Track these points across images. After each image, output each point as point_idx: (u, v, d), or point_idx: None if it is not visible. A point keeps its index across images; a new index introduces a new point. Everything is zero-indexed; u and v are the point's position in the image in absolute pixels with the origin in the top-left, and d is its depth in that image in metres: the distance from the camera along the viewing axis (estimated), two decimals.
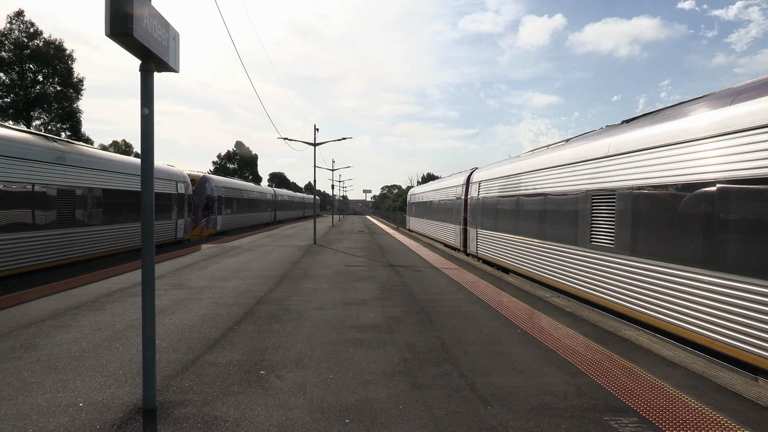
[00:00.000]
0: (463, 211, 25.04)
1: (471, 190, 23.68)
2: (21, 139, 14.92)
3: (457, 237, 26.32)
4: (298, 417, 5.33)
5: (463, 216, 24.98)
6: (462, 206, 25.29)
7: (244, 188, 46.38)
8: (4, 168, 13.76)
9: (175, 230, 27.17)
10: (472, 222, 23.02)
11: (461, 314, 10.42)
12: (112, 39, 4.66)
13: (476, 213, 22.13)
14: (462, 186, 25.63)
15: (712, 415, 5.54)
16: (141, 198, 5.34)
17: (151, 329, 5.42)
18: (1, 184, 13.64)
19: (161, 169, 25.85)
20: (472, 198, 23.00)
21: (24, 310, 10.27)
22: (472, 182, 23.69)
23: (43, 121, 48.67)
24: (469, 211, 23.80)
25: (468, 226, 23.89)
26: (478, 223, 21.83)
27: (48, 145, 16.19)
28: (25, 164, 14.57)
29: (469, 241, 23.56)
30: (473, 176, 23.73)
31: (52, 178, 15.89)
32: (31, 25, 47.08)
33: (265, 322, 9.48)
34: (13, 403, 5.57)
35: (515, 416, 5.42)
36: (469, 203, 23.73)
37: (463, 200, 25.08)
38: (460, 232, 25.78)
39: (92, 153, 19.39)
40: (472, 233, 23.01)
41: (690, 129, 8.75)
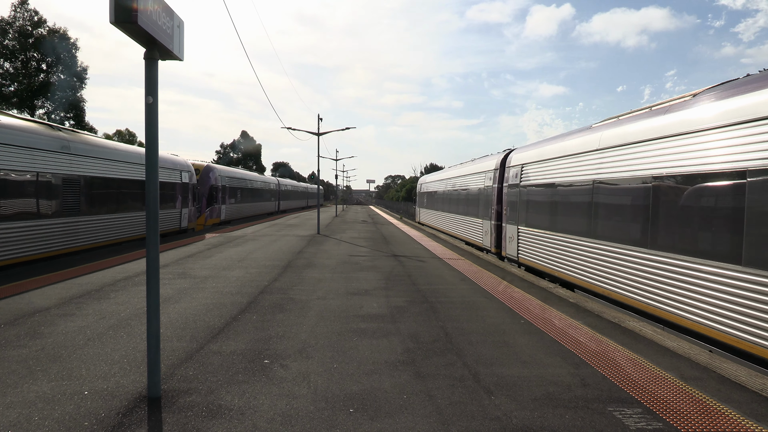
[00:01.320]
0: (495, 202, 20.10)
1: (508, 175, 18.64)
2: (26, 128, 14.98)
3: (487, 235, 21.33)
4: (302, 406, 5.34)
5: (496, 209, 20.07)
6: (494, 196, 20.29)
7: (248, 178, 46.42)
8: (10, 156, 13.85)
9: (180, 219, 27.19)
10: (510, 217, 18.09)
11: (465, 304, 10.42)
12: (117, 27, 4.64)
13: (517, 205, 17.31)
14: (493, 171, 20.69)
15: (716, 406, 5.53)
16: (145, 187, 5.33)
17: (155, 318, 5.43)
18: (9, 173, 13.78)
19: (165, 159, 25.73)
20: (511, 186, 18.15)
21: (28, 298, 10.30)
22: (509, 166, 18.66)
23: (47, 110, 48.67)
24: (505, 202, 18.86)
25: (504, 222, 18.86)
26: (520, 218, 17.01)
27: (53, 134, 16.27)
28: (30, 153, 14.67)
29: (506, 241, 18.62)
30: (511, 158, 18.78)
31: (57, 167, 15.98)
32: (36, 14, 47.00)
33: (269, 312, 9.49)
34: (18, 390, 5.59)
35: (519, 406, 5.42)
36: (506, 193, 18.77)
37: (496, 189, 20.11)
38: (490, 229, 20.74)
39: (97, 142, 19.46)
40: (510, 231, 18.12)
41: None
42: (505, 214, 18.77)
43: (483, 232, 21.97)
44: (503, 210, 19.07)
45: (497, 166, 20.30)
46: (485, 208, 21.66)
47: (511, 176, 18.25)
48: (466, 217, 25.36)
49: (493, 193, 20.37)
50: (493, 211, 20.46)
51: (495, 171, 20.55)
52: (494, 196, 20.27)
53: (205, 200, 33.93)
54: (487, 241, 21.24)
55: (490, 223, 20.85)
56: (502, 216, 19.19)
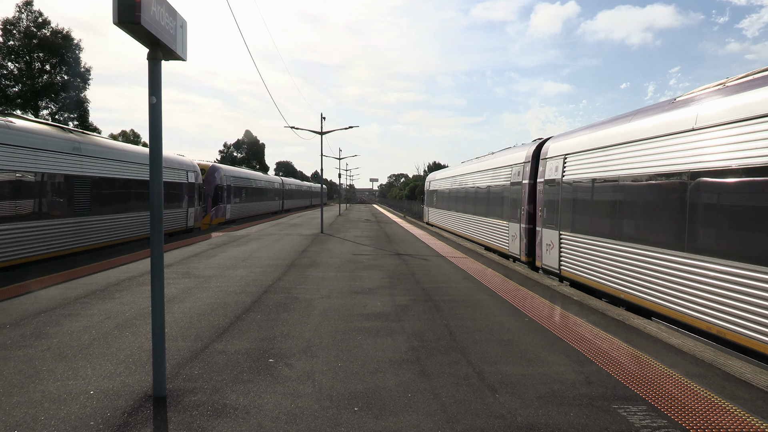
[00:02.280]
0: (526, 201, 16.87)
1: (544, 169, 15.48)
2: (40, 131, 15.38)
3: (514, 240, 17.99)
4: (307, 405, 5.35)
5: (527, 209, 16.79)
6: (523, 195, 17.12)
7: (253, 177, 46.93)
8: (26, 158, 14.28)
9: (186, 219, 27.49)
10: (548, 220, 14.94)
11: (469, 303, 10.42)
12: (120, 27, 4.65)
13: (558, 205, 14.20)
14: (522, 165, 17.51)
15: (722, 403, 5.53)
16: (150, 186, 5.35)
17: (160, 317, 5.45)
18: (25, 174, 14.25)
19: (172, 159, 26.08)
20: (549, 182, 15.02)
21: (34, 298, 10.34)
22: (546, 158, 15.44)
23: (51, 111, 48.77)
24: (540, 202, 15.62)
25: (539, 226, 15.65)
26: (562, 221, 13.98)
27: (65, 136, 16.67)
28: (44, 155, 15.04)
29: (541, 248, 15.41)
30: (547, 149, 15.60)
31: (69, 168, 16.37)
32: (40, 15, 47.09)
33: (273, 311, 9.51)
34: (24, 390, 5.62)
35: (524, 404, 5.43)
36: (542, 190, 15.54)
37: (526, 186, 16.93)
38: (520, 233, 17.33)
39: (106, 143, 19.84)
40: (547, 237, 14.96)
41: None
42: (540, 216, 15.53)
43: (509, 236, 18.67)
44: (537, 211, 15.82)
45: (528, 159, 17.06)
46: (512, 208, 18.32)
47: (549, 170, 15.05)
48: (486, 219, 22.09)
49: (523, 190, 17.18)
50: (522, 212, 17.14)
51: (525, 165, 17.30)
52: (524, 194, 17.05)
53: (211, 200, 34.29)
54: (515, 248, 17.95)
55: (518, 227, 17.53)
56: (536, 218, 15.95)
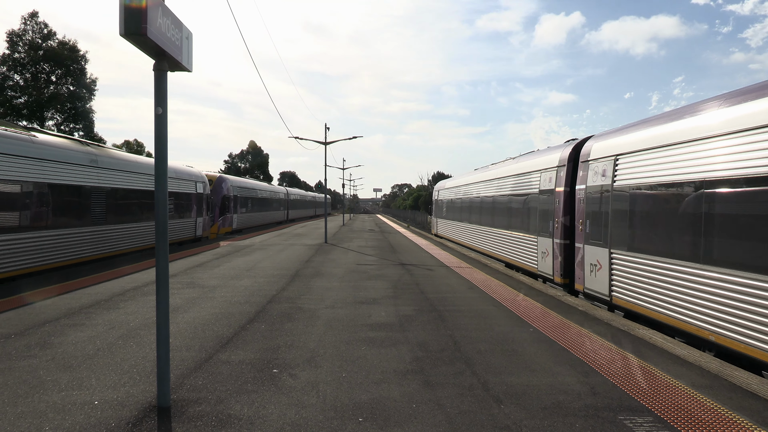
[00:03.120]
0: (561, 212, 14.41)
1: (587, 174, 12.92)
2: (60, 144, 16.34)
3: (546, 258, 15.48)
4: (311, 415, 5.34)
5: (561, 222, 14.35)
6: (557, 204, 14.67)
7: (259, 188, 47.78)
8: (48, 171, 15.12)
9: (195, 228, 28.20)
10: (593, 234, 12.39)
11: (473, 313, 10.40)
12: (126, 39, 4.69)
13: (608, 217, 11.65)
14: (556, 170, 15.07)
15: (728, 414, 5.49)
16: (155, 197, 5.38)
17: (165, 328, 5.45)
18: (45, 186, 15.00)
19: (182, 170, 26.89)
20: (593, 189, 12.48)
21: (39, 308, 10.36)
22: (589, 160, 12.88)
23: (57, 122, 49.02)
24: (581, 212, 13.13)
25: (581, 242, 13.06)
26: (614, 237, 11.39)
27: (83, 149, 17.62)
28: (64, 167, 16.02)
29: (584, 269, 12.79)
30: (591, 149, 12.98)
31: (88, 180, 17.24)
32: (45, 26, 47.44)
33: (277, 321, 9.50)
34: (29, 400, 5.62)
35: (529, 415, 5.40)
36: (583, 198, 12.99)
37: (562, 194, 14.46)
38: (554, 250, 14.87)
39: (121, 156, 20.67)
40: (592, 255, 12.39)
41: None
42: (581, 230, 13.05)
43: (538, 253, 16.12)
44: (577, 224, 13.34)
45: (562, 163, 14.76)
46: (542, 220, 15.84)
47: (593, 175, 12.56)
48: (508, 232, 19.50)
49: (556, 199, 14.77)
50: (556, 224, 14.67)
51: (558, 170, 14.91)
52: (558, 203, 14.63)
53: (218, 210, 34.99)
54: (546, 267, 15.42)
55: (551, 242, 15.07)
56: (575, 232, 13.49)
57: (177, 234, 25.50)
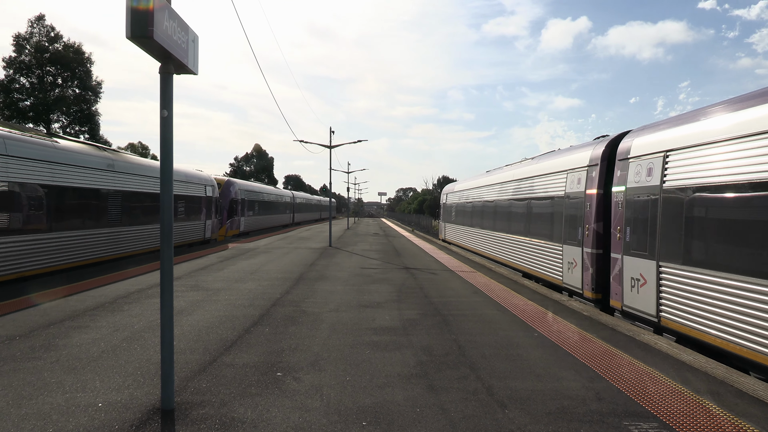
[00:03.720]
0: (593, 217, 12.80)
1: (627, 173, 11.24)
2: (80, 150, 17.12)
3: (574, 269, 13.77)
4: (315, 419, 5.33)
5: (594, 228, 12.75)
6: (589, 208, 13.01)
7: (265, 191, 48.56)
8: (70, 175, 15.93)
9: (204, 230, 28.90)
10: (634, 244, 10.72)
11: (477, 317, 10.37)
12: (133, 41, 4.71)
13: (656, 224, 9.98)
14: (587, 169, 13.41)
15: (734, 420, 5.46)
16: (160, 200, 5.38)
17: (169, 330, 5.46)
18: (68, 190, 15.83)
19: (192, 174, 27.70)
20: (635, 191, 10.82)
21: (43, 310, 10.38)
22: (629, 158, 11.25)
23: (62, 124, 49.23)
24: (619, 218, 11.39)
25: (619, 252, 11.32)
26: (663, 247, 9.76)
27: (101, 154, 18.37)
28: (85, 171, 16.77)
29: (622, 283, 11.10)
30: (629, 145, 11.40)
31: (104, 183, 17.97)
32: (52, 29, 47.67)
33: (281, 324, 9.50)
34: (33, 402, 5.63)
35: (533, 420, 5.38)
36: (622, 202, 11.30)
37: (594, 197, 12.83)
38: (584, 260, 13.22)
39: (135, 160, 21.42)
40: (633, 268, 10.71)
41: None
42: (618, 239, 11.36)
43: (563, 263, 14.47)
44: (614, 231, 11.58)
45: (594, 161, 13.07)
46: (568, 226, 14.20)
47: (635, 174, 10.92)
48: (526, 239, 17.77)
49: (587, 203, 13.14)
50: (587, 231, 13.05)
51: (590, 169, 13.28)
52: (590, 207, 13.00)
53: (226, 213, 35.97)
54: (574, 279, 13.77)
55: (580, 252, 13.40)
56: (611, 241, 11.81)
57: (187, 236, 26.25)
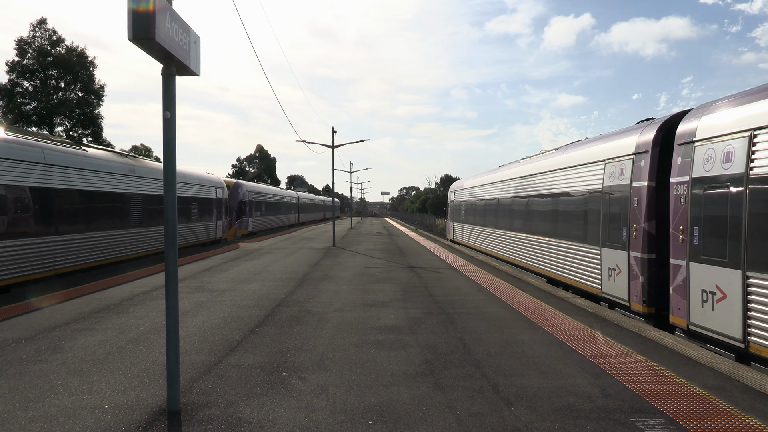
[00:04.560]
0: (643, 215, 10.79)
1: (692, 161, 9.23)
2: (106, 157, 18.67)
3: (617, 277, 11.65)
4: (321, 418, 5.33)
5: (644, 229, 10.74)
6: (637, 205, 11.00)
7: (272, 193, 50.23)
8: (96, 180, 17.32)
9: (215, 230, 30.32)
10: (708, 248, 8.71)
11: (482, 315, 10.36)
12: (135, 43, 4.71)
13: (739, 224, 8.03)
14: (632, 158, 11.36)
15: (741, 416, 5.44)
16: (164, 200, 5.39)
17: (174, 332, 5.46)
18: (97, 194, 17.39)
19: (204, 177, 29.32)
20: (707, 182, 8.86)
21: (49, 313, 10.40)
22: (694, 141, 9.26)
23: (65, 127, 49.30)
24: (682, 215, 9.38)
25: (682, 257, 9.33)
26: (752, 253, 7.75)
27: (123, 160, 19.98)
28: (109, 176, 18.26)
29: (688, 296, 9.12)
30: (694, 127, 9.41)
31: (128, 187, 19.45)
32: (54, 33, 47.73)
33: (286, 324, 9.50)
34: (40, 404, 5.64)
35: (540, 417, 5.37)
36: (685, 197, 9.32)
37: (644, 190, 10.83)
38: (630, 266, 11.15)
39: (152, 165, 22.79)
40: (705, 279, 8.74)
41: None
42: (682, 241, 9.30)
43: (602, 269, 12.39)
44: (674, 231, 9.58)
45: (644, 147, 11.01)
46: (609, 226, 12.14)
47: (707, 161, 8.85)
48: (553, 241, 15.65)
49: (636, 198, 11.09)
50: (634, 232, 11.03)
51: (637, 157, 11.22)
52: (638, 203, 10.98)
53: (235, 213, 37.11)
54: (618, 289, 11.65)
55: (625, 256, 11.31)
56: (671, 243, 9.68)
57: (200, 236, 27.66)
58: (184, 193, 25.17)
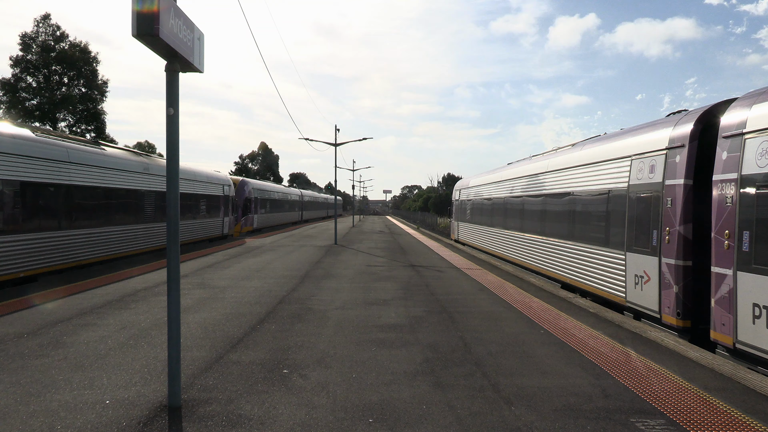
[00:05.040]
0: (678, 218, 9.61)
1: (740, 156, 7.94)
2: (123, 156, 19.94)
3: (646, 285, 10.45)
4: (321, 416, 5.34)
5: (679, 232, 9.55)
6: (671, 205, 9.82)
7: (276, 190, 51.54)
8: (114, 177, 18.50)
9: (222, 227, 31.47)
10: (762, 256, 7.36)
11: (483, 314, 10.37)
12: (138, 39, 4.71)
13: None
14: (665, 153, 10.18)
15: (742, 417, 5.44)
16: (166, 197, 5.39)
17: (176, 328, 5.47)
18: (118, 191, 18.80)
19: (213, 175, 30.62)
20: (764, 178, 7.43)
21: (51, 308, 10.43)
22: (745, 133, 7.92)
23: (68, 123, 49.35)
24: (730, 218, 8.05)
25: (727, 266, 8.03)
26: None
27: (138, 159, 21.16)
28: (129, 174, 19.56)
29: (734, 311, 7.84)
30: (743, 117, 8.10)
31: (144, 185, 20.59)
32: (58, 28, 47.76)
33: (287, 322, 9.52)
34: (41, 399, 5.66)
35: (540, 417, 5.37)
36: (733, 197, 8.02)
37: (679, 189, 9.66)
38: (663, 273, 9.94)
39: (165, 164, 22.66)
40: (757, 291, 7.41)
41: None
42: (728, 247, 8.08)
43: (628, 276, 11.08)
44: (717, 236, 8.36)
45: (680, 141, 9.80)
46: (635, 228, 10.92)
47: (762, 155, 7.57)
48: (569, 244, 14.40)
49: (669, 197, 9.84)
50: (667, 235, 9.80)
51: (671, 152, 10.01)
52: (672, 203, 9.75)
53: (241, 210, 38.08)
54: (646, 298, 10.41)
55: (656, 262, 10.09)
56: (715, 249, 8.41)
57: (209, 231, 28.84)
58: (194, 190, 26.30)
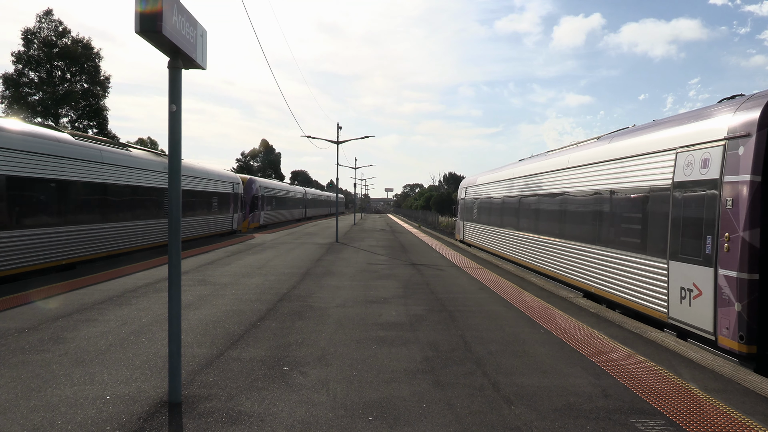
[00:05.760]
0: (742, 222, 7.82)
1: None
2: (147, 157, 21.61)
3: (696, 299, 8.68)
4: (321, 413, 5.35)
5: (743, 239, 7.77)
6: (730, 207, 8.04)
7: (282, 188, 53.44)
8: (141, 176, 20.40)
9: (232, 223, 33.35)
10: None
11: (484, 313, 10.37)
12: (142, 36, 4.72)
13: None
14: (723, 146, 8.44)
15: (741, 418, 5.44)
16: (168, 194, 5.40)
17: (176, 324, 5.48)
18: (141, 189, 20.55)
19: (223, 174, 32.55)
20: None
21: (52, 303, 10.44)
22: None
23: (71, 119, 49.38)
24: None
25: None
26: None
27: (160, 159, 22.73)
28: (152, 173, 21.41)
29: None
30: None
31: (165, 183, 21.96)
32: (60, 24, 47.76)
33: (288, 319, 9.52)
34: (42, 394, 5.67)
35: (539, 416, 5.38)
36: None
37: (742, 188, 7.88)
38: (719, 288, 8.13)
39: (185, 163, 25.17)
40: None
41: None
42: None
43: (671, 288, 9.45)
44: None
45: (744, 130, 8.15)
46: (680, 233, 9.29)
47: None
48: (598, 249, 12.62)
49: (730, 196, 8.15)
50: (729, 242, 8.06)
51: (732, 143, 8.34)
52: (733, 203, 8.08)
53: (248, 207, 40.03)
54: (696, 316, 8.69)
55: (711, 274, 8.38)
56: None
57: (219, 227, 30.80)
58: (206, 188, 28.08)
